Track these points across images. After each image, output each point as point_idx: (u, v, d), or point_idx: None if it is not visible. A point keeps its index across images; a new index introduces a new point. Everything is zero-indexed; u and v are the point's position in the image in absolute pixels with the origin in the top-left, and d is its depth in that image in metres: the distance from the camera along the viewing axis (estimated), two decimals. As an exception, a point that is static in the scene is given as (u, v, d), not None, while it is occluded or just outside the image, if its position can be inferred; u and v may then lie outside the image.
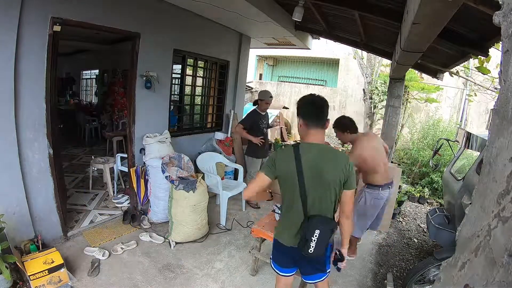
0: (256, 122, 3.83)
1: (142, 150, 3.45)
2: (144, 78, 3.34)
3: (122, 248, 2.77)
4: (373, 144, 2.63)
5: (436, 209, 3.05)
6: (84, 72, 9.10)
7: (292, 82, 10.84)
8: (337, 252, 1.65)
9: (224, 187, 3.60)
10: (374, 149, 2.60)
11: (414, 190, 5.24)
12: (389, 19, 2.73)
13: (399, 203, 4.34)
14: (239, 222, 3.57)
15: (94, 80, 8.62)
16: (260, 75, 11.92)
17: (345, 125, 2.63)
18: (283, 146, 4.95)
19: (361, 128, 8.54)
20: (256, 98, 3.99)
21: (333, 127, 2.71)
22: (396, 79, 4.22)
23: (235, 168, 4.32)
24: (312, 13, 3.72)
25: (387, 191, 2.68)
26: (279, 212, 2.54)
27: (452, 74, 4.12)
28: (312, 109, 1.55)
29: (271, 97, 3.89)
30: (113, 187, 3.97)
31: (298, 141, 1.50)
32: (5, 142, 2.27)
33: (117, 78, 6.50)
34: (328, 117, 1.58)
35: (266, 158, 3.68)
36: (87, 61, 8.11)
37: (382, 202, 2.71)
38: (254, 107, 3.95)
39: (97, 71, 8.07)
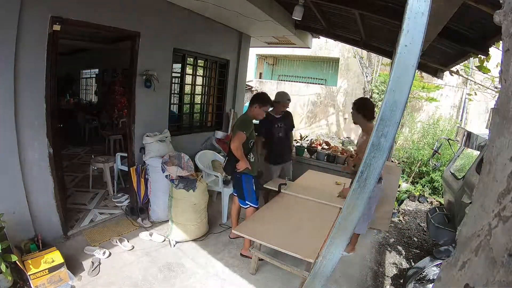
0: (269, 128, 3.33)
1: (142, 149, 3.44)
2: (144, 77, 3.34)
3: (122, 247, 2.78)
4: None
5: (436, 208, 3.06)
6: (84, 71, 9.08)
7: (292, 81, 10.83)
8: None
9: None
10: None
11: (414, 189, 5.25)
12: (389, 18, 2.73)
13: (399, 202, 4.34)
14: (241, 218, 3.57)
15: (94, 79, 8.61)
16: (260, 74, 11.90)
17: (366, 110, 2.62)
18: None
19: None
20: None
21: (353, 108, 2.68)
22: (396, 78, 4.20)
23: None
24: (312, 12, 3.72)
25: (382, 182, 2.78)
26: None
27: (452, 73, 4.11)
28: None
29: (289, 99, 3.42)
30: (113, 186, 3.97)
31: None
32: (5, 142, 2.27)
33: (117, 77, 6.50)
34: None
35: (287, 164, 3.57)
36: (87, 60, 8.09)
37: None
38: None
39: (97, 70, 8.06)
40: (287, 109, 3.52)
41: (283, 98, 3.38)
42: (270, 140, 3.38)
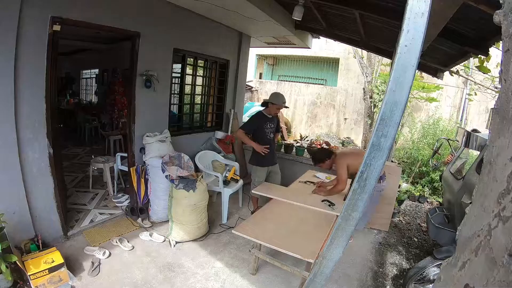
0: (261, 127, 3.33)
1: (142, 149, 3.44)
2: (144, 77, 3.34)
3: (122, 247, 2.78)
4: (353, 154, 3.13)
5: (436, 208, 3.06)
6: (84, 71, 9.08)
7: (292, 81, 10.83)
8: None
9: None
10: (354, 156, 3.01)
11: (414, 189, 5.24)
12: (389, 18, 2.73)
13: (399, 202, 4.34)
14: (241, 219, 3.57)
15: (94, 79, 8.61)
16: (260, 74, 11.90)
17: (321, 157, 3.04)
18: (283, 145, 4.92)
19: (361, 127, 8.55)
20: (265, 98, 3.45)
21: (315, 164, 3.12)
22: (396, 78, 4.20)
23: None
24: (312, 12, 3.72)
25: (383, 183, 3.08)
26: None
27: (452, 73, 4.11)
28: None
29: (285, 102, 3.34)
30: (113, 187, 3.98)
31: None
32: (5, 142, 2.27)
33: (117, 77, 6.50)
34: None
35: (273, 166, 3.52)
36: (87, 60, 8.10)
37: (378, 193, 3.08)
38: (261, 108, 3.44)
39: (97, 71, 8.06)
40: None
41: (279, 101, 3.28)
42: (260, 141, 3.31)
